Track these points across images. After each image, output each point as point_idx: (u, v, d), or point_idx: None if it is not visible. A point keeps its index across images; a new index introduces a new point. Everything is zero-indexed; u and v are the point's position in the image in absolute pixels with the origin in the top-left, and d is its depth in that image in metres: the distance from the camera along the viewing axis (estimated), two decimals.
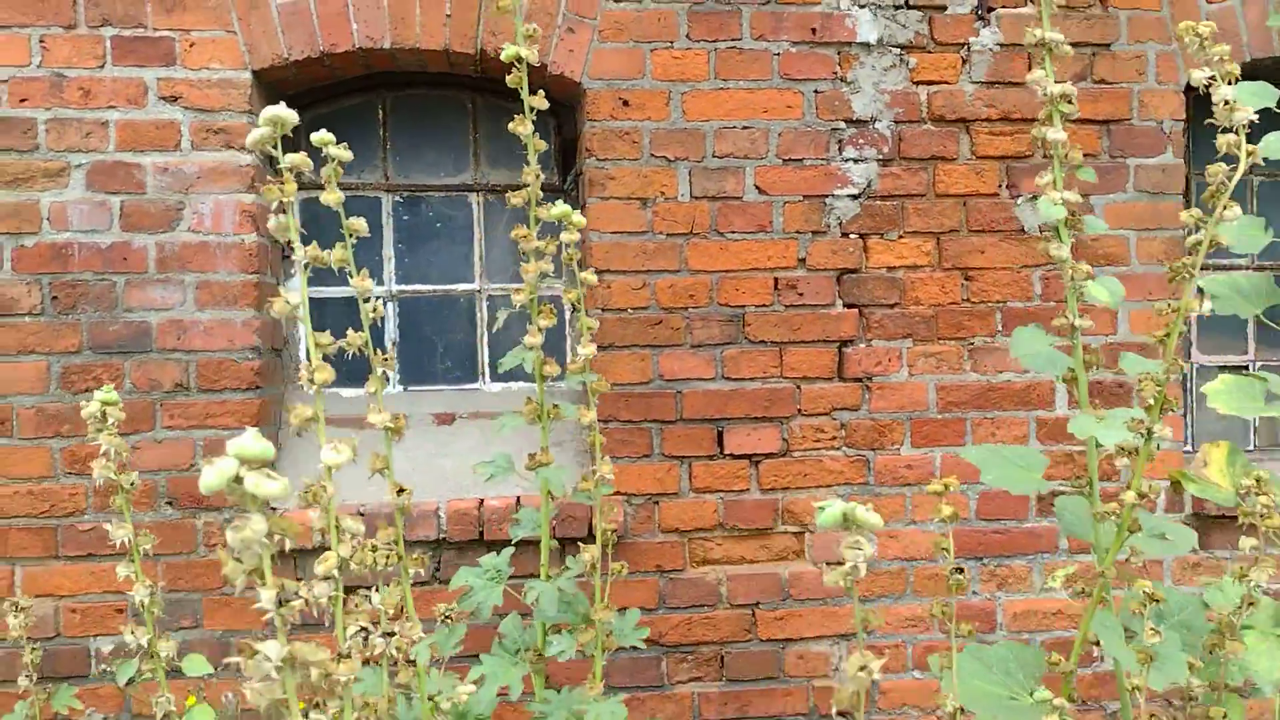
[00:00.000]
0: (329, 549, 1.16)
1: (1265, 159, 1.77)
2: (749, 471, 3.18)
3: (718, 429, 3.15)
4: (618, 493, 3.12)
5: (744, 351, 3.16)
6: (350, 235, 1.57)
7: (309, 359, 1.28)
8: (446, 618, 1.85)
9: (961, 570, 1.62)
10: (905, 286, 3.21)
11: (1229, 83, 1.57)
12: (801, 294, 3.17)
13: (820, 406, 3.19)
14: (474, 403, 3.36)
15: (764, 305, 3.16)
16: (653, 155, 3.09)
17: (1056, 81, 1.87)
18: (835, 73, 3.17)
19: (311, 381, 1.24)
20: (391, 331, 3.36)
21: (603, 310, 3.11)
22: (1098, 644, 1.73)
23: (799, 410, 3.18)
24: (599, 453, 1.94)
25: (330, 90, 3.28)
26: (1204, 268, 2.31)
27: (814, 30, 3.16)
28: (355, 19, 2.97)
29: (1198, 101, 3.37)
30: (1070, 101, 1.90)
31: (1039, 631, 3.27)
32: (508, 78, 1.98)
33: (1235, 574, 1.67)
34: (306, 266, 1.29)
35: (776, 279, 3.17)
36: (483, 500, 3.06)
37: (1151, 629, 1.69)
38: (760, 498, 3.18)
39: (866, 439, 3.21)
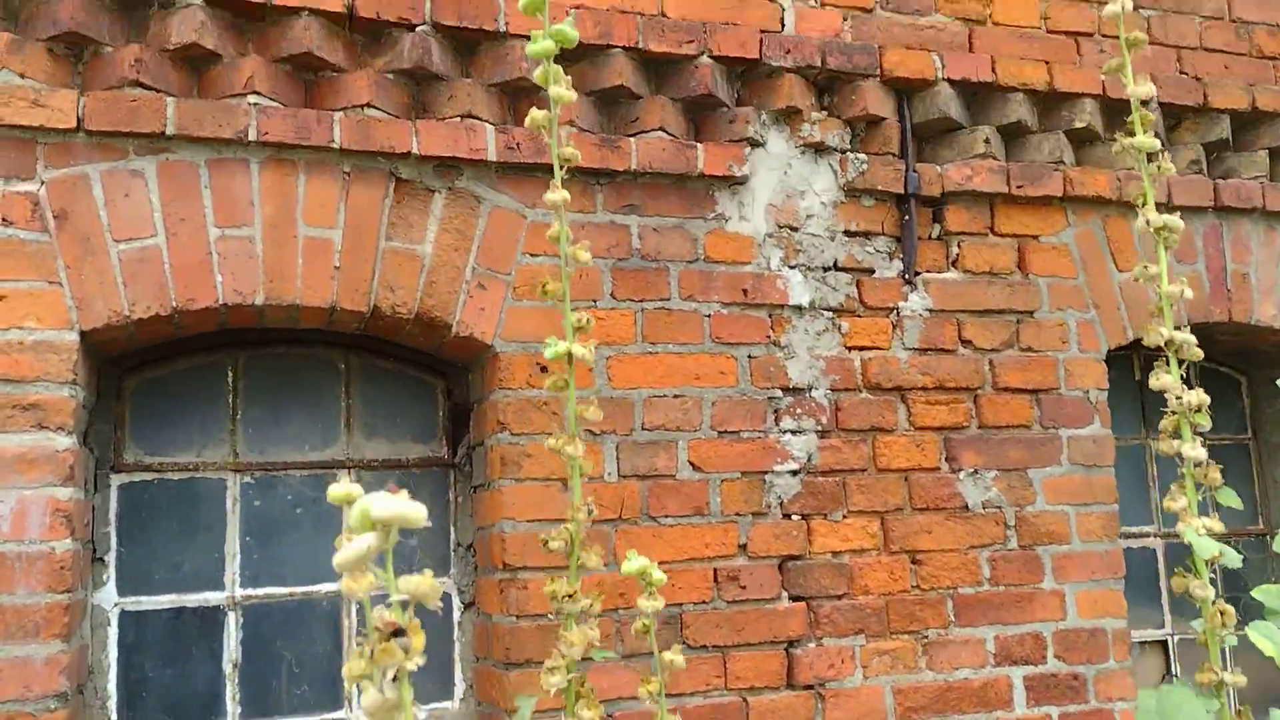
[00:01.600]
0: None
1: None
2: None
3: None
4: None
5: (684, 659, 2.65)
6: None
7: None
8: None
9: None
10: (853, 573, 2.84)
11: None
12: (744, 586, 2.74)
13: None
14: None
15: (703, 602, 2.70)
16: None
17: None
18: (769, 336, 2.87)
19: None
20: (233, 650, 2.63)
21: (517, 618, 2.55)
22: None
23: None
24: None
25: (167, 348, 2.65)
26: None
27: (745, 291, 2.86)
28: (221, 270, 2.41)
29: (1115, 372, 3.29)
30: (1202, 411, 1.62)
31: None
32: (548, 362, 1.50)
33: None
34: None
35: (716, 570, 2.72)
36: None
37: None
38: None
39: None
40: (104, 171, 2.36)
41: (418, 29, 2.58)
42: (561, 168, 1.43)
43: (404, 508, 0.73)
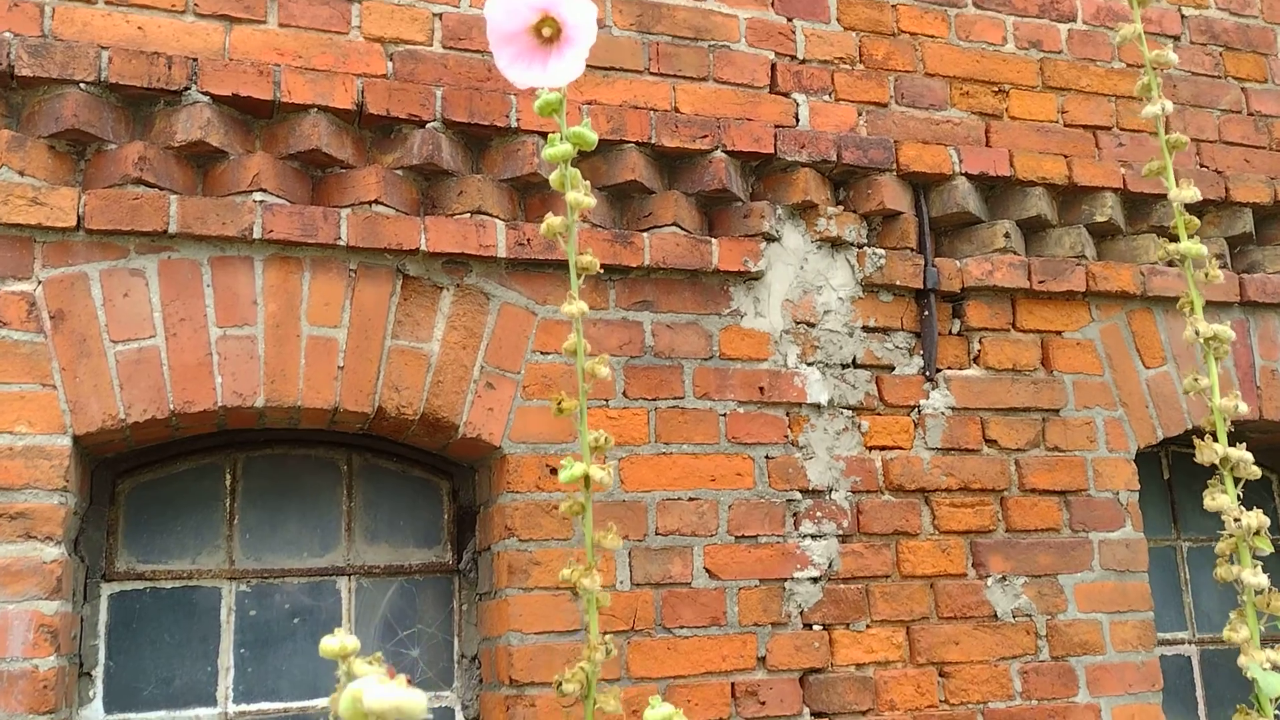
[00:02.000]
0: None
1: None
2: None
3: None
4: None
5: None
6: None
7: None
8: None
9: None
10: (878, 687, 2.69)
11: None
12: (764, 702, 2.60)
13: None
14: None
15: None
16: None
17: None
18: (787, 436, 2.77)
19: None
20: None
21: None
22: None
23: None
24: None
25: (163, 449, 2.56)
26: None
27: (761, 389, 2.78)
28: (221, 371, 2.33)
29: (1143, 471, 3.18)
30: (1262, 534, 1.51)
31: None
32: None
33: None
34: None
35: (734, 685, 2.59)
36: None
37: None
38: None
39: None
40: (103, 271, 2.29)
41: (428, 125, 2.54)
42: (579, 277, 1.35)
43: (401, 699, 0.63)
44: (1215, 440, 1.57)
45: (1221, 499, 1.51)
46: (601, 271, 2.63)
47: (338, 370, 2.42)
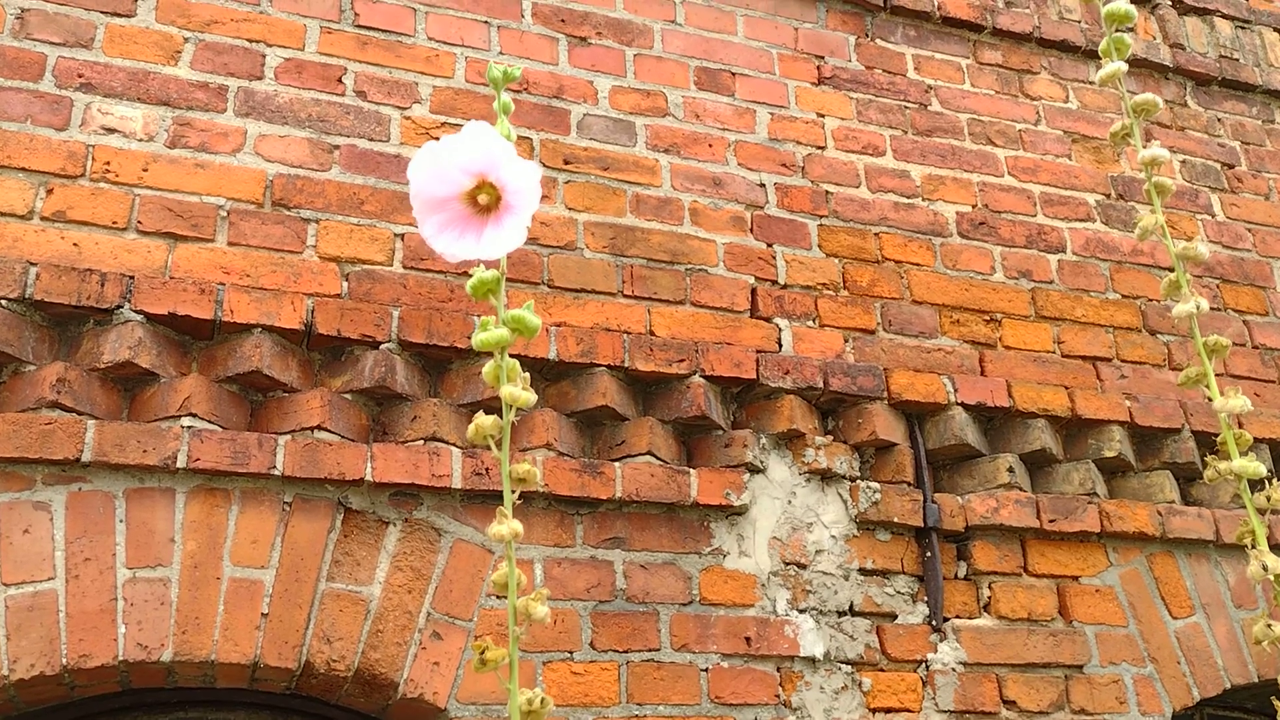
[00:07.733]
0: None
1: None
2: None
3: None
4: None
5: None
6: None
7: None
8: None
9: None
10: None
11: None
12: None
13: None
14: None
15: None
16: None
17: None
18: (778, 696, 2.43)
19: None
20: None
21: None
22: None
23: None
24: None
25: (60, 712, 2.21)
26: None
27: (748, 640, 2.46)
28: (125, 620, 2.03)
29: None
30: None
31: None
32: None
33: None
34: None
35: None
36: None
37: None
38: None
39: None
40: (3, 504, 2.04)
41: (382, 346, 2.36)
42: (514, 491, 1.10)
43: None
44: None
45: None
46: (565, 496, 2.38)
47: (261, 618, 2.12)
